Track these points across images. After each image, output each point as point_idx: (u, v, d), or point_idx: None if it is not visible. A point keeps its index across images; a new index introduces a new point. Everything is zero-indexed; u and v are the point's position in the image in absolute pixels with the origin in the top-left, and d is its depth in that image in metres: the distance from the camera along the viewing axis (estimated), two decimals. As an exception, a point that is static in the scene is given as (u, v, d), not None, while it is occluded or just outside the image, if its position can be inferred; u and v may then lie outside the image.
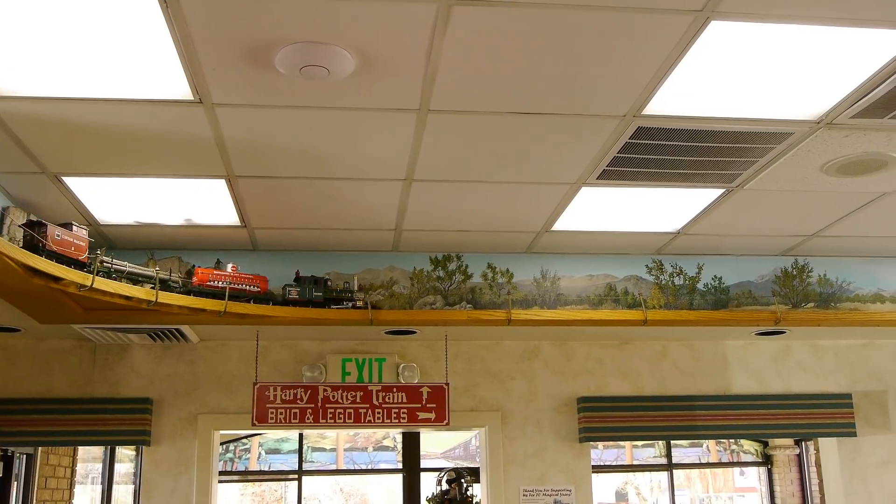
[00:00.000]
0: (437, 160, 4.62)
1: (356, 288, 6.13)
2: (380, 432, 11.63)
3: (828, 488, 7.43)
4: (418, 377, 6.68)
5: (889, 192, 5.28)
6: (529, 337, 6.84)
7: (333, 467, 11.92)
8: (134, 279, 5.40)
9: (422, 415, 6.35)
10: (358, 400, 6.34)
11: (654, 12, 3.24)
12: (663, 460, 9.46)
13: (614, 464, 11.34)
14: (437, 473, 8.58)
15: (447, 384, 6.44)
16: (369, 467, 11.95)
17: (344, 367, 6.64)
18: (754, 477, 10.85)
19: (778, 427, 7.13)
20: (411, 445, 8.66)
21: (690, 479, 12.05)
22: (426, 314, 6.04)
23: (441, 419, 6.35)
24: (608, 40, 3.43)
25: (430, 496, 8.34)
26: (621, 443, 10.78)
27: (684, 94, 3.92)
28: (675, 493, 9.64)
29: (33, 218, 4.91)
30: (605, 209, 5.49)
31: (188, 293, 5.62)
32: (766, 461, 8.92)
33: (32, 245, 4.68)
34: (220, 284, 5.72)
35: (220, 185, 4.94)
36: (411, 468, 8.56)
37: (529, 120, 4.14)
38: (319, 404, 6.30)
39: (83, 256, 5.01)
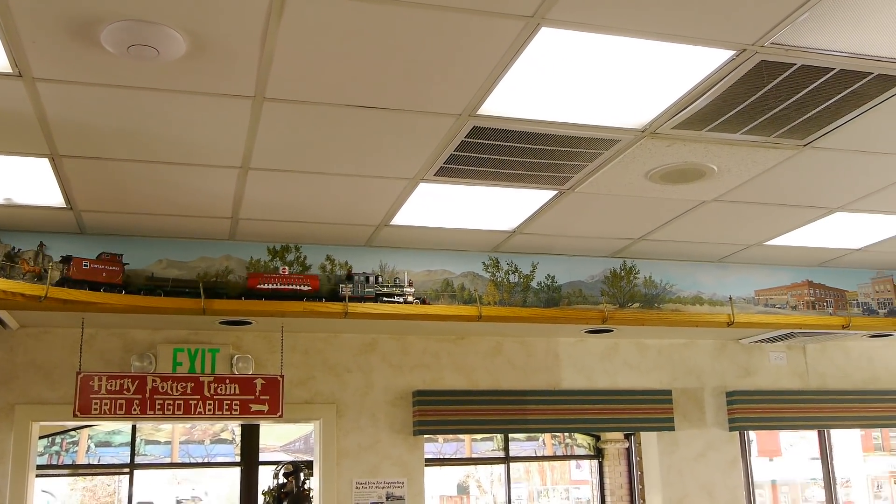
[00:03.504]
0: (274, 149, 4.56)
1: (407, 284, 6.26)
2: (218, 425, 11.33)
3: (647, 480, 7.82)
4: (253, 369, 6.58)
5: (707, 201, 5.60)
6: (367, 330, 6.85)
7: (168, 461, 11.53)
8: (179, 291, 5.78)
9: (254, 407, 6.25)
10: (188, 391, 6.17)
11: (488, 15, 3.31)
12: (501, 454, 9.67)
13: (454, 457, 11.50)
14: (275, 467, 8.46)
15: (282, 376, 6.37)
16: (206, 461, 11.64)
17: (175, 358, 6.45)
18: (588, 470, 11.24)
19: (604, 421, 7.43)
20: (250, 438, 8.50)
21: (529, 472, 12.34)
22: (262, 304, 5.94)
23: (274, 411, 6.28)
24: (443, 39, 3.48)
25: (266, 489, 8.22)
26: (461, 436, 10.94)
27: (517, 97, 4.03)
28: (515, 485, 9.89)
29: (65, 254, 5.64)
30: (443, 206, 5.57)
31: (240, 297, 5.90)
32: (598, 454, 9.24)
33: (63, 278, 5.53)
34: (271, 286, 5.93)
35: (43, 164, 4.70)
36: (249, 462, 8.40)
37: (367, 114, 4.15)
38: (147, 395, 6.10)
39: (118, 279, 5.57)
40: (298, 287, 6.01)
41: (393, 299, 6.24)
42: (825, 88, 4.01)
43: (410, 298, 6.28)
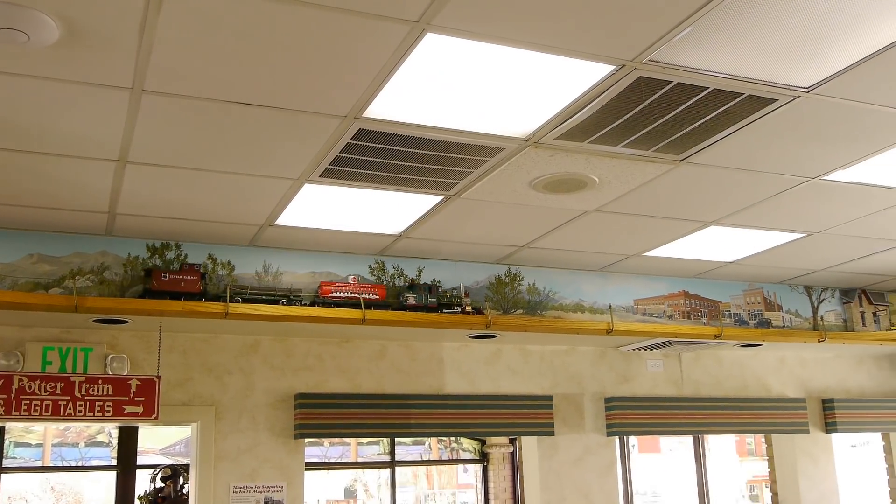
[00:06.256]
0: (153, 143, 4.43)
1: (463, 294, 6.65)
2: (94, 427, 10.95)
3: (527, 484, 7.93)
4: (128, 369, 6.37)
5: (589, 211, 5.73)
6: (249, 331, 6.72)
7: (39, 464, 11.07)
8: (256, 299, 6.08)
9: (128, 408, 6.05)
10: (58, 391, 5.93)
11: (373, 18, 3.30)
12: (388, 458, 9.66)
13: (340, 460, 11.42)
14: (152, 470, 8.23)
15: (158, 377, 6.19)
16: (80, 464, 11.22)
17: (45, 356, 6.18)
18: (474, 474, 11.34)
19: (487, 426, 7.50)
20: (128, 441, 8.23)
21: (417, 477, 12.36)
22: (138, 303, 5.77)
23: (149, 413, 6.09)
24: (328, 39, 3.45)
25: (142, 494, 7.98)
26: (346, 440, 10.88)
27: (403, 101, 4.03)
28: (402, 489, 9.89)
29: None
30: (329, 207, 5.52)
31: (312, 304, 6.22)
32: (483, 459, 9.34)
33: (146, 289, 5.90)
34: (343, 294, 6.27)
35: None
36: (126, 465, 8.14)
37: (250, 111, 4.08)
38: (13, 395, 5.82)
39: (197, 287, 5.88)
40: (367, 296, 6.33)
41: (453, 310, 6.58)
42: (700, 106, 4.15)
43: (468, 309, 6.62)
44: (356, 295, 6.32)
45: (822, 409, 8.93)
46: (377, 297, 6.40)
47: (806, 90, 4.03)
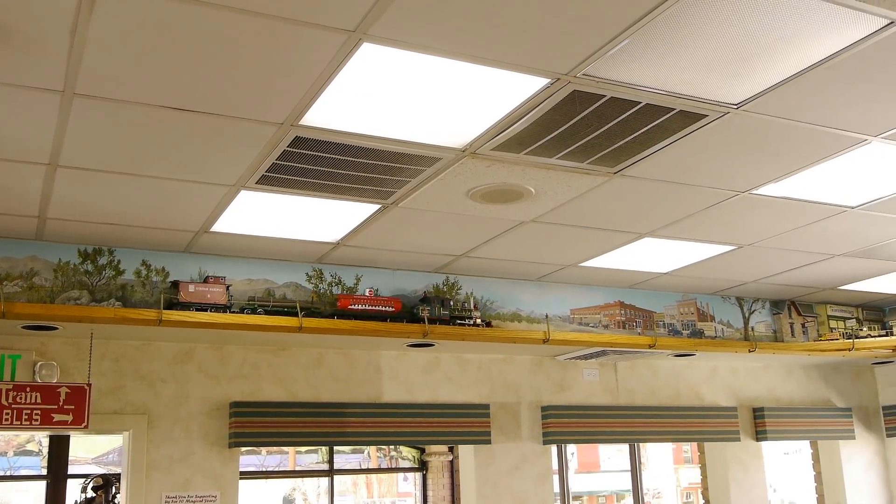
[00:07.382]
0: (85, 147, 4.36)
1: (472, 307, 6.88)
2: (23, 435, 10.70)
3: (463, 492, 7.94)
4: (58, 377, 6.23)
5: (526, 222, 5.79)
6: (184, 339, 6.62)
7: (-36, 473, 10.77)
8: (278, 311, 6.22)
9: (57, 417, 5.92)
10: (-16, 399, 5.78)
11: (310, 26, 3.31)
12: (326, 466, 9.61)
13: (277, 469, 11.32)
14: (83, 480, 8.06)
15: (89, 385, 6.06)
16: (8, 473, 10.94)
17: (-29, 364, 6.03)
18: (414, 482, 11.33)
19: (425, 434, 7.50)
20: (59, 450, 8.05)
21: (356, 485, 12.31)
22: (69, 310, 5.66)
23: (79, 422, 5.96)
24: (265, 46, 3.44)
25: (72, 504, 7.82)
26: (285, 448, 10.78)
27: (341, 110, 4.03)
28: (341, 498, 9.83)
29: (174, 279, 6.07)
30: (266, 214, 5.49)
31: (332, 316, 6.36)
32: (423, 467, 9.34)
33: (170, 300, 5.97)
34: (361, 307, 6.44)
35: None
36: (57, 474, 7.96)
37: (185, 116, 4.04)
38: (-64, 403, 5.67)
39: (223, 301, 5.99)
40: (384, 308, 6.53)
41: (464, 322, 6.78)
42: (633, 121, 4.23)
43: (478, 321, 6.83)
44: (375, 307, 6.50)
45: (753, 418, 9.12)
46: (393, 309, 6.56)
47: (735, 106, 4.14)
